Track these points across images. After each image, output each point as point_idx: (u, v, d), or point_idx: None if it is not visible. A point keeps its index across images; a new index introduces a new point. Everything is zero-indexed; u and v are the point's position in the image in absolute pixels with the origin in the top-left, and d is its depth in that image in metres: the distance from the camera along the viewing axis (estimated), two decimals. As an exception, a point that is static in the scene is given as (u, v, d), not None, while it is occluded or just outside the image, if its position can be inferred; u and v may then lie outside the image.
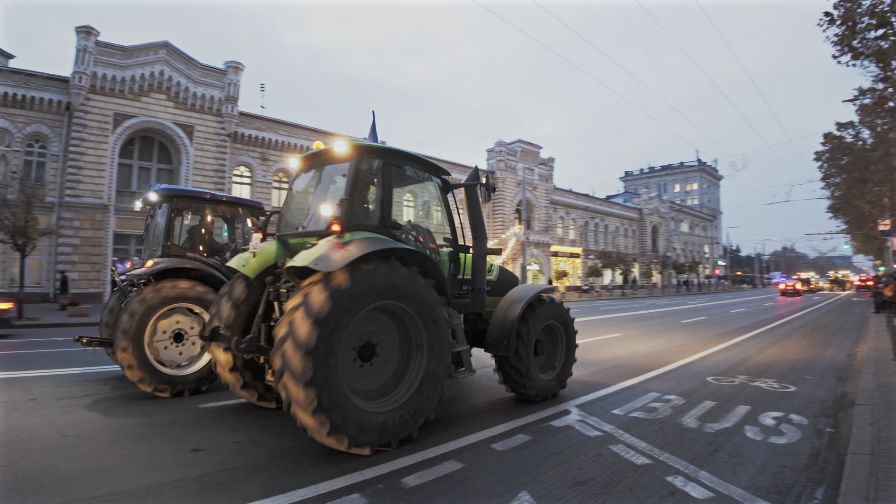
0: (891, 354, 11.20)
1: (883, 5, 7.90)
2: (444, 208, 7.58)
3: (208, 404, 7.46)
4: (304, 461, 5.21)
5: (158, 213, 9.22)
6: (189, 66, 32.44)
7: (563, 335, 8.41)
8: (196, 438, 5.88)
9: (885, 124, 26.34)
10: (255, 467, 5.05)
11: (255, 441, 5.84)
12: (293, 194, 7.26)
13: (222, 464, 5.10)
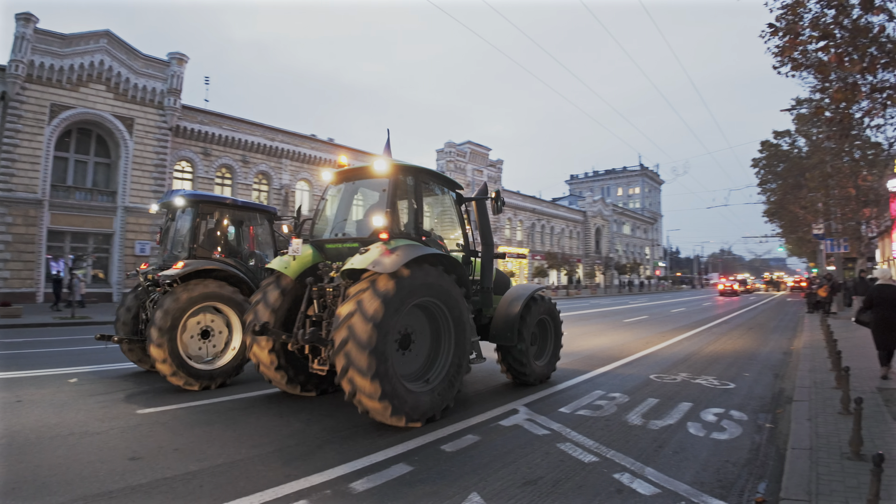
0: (825, 352, 11.65)
1: (826, 17, 8.21)
2: (458, 218, 8.65)
3: (146, 410, 7.15)
4: (240, 472, 5.00)
5: (181, 216, 9.82)
6: (131, 56, 31.22)
7: (553, 328, 9.80)
8: (134, 446, 5.63)
9: (820, 133, 27.54)
10: (194, 476, 4.85)
11: (195, 449, 5.63)
12: (326, 203, 8.43)
13: (161, 472, 4.89)
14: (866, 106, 9.65)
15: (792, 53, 9.00)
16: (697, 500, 4.41)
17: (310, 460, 5.23)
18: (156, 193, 31.65)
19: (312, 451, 5.51)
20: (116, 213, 30.63)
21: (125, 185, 30.85)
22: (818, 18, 8.29)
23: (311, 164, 41.86)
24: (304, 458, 5.28)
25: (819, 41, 8.14)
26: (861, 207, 23.85)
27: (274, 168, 39.35)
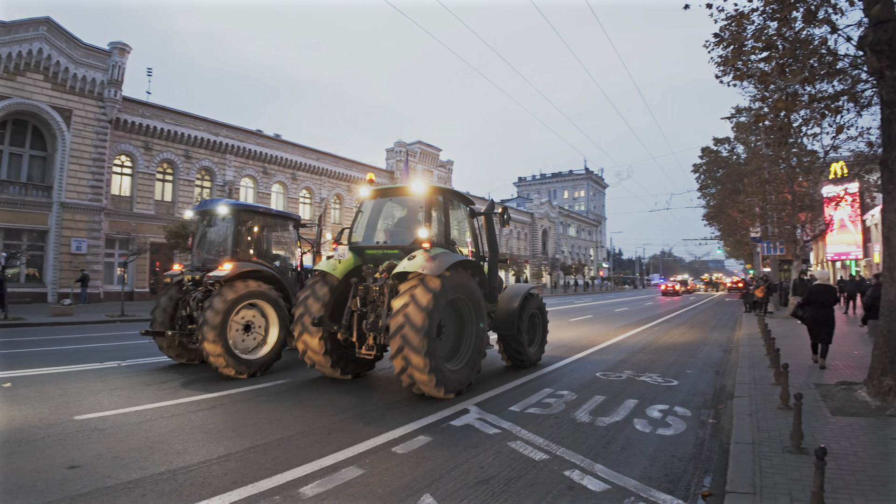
0: (763, 350, 12.08)
1: (769, 30, 8.48)
2: (470, 229, 10.25)
3: (84, 416, 6.82)
4: (184, 479, 4.84)
5: (220, 223, 11.16)
6: (71, 45, 29.75)
7: (541, 320, 11.71)
8: (72, 454, 5.34)
9: (758, 140, 28.60)
10: (137, 484, 4.64)
11: (137, 456, 5.40)
12: (364, 215, 9.90)
13: (102, 481, 4.65)
14: (805, 115, 10.03)
15: (735, 63, 9.26)
16: (646, 495, 4.48)
17: (257, 466, 5.07)
18: (93, 188, 30.39)
19: (259, 457, 5.34)
20: (52, 209, 29.20)
21: (62, 179, 29.46)
22: (762, 30, 8.55)
23: (257, 161, 40.99)
24: (252, 464, 5.11)
25: (762, 52, 8.40)
26: (797, 212, 24.88)
27: (218, 164, 38.35)
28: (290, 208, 43.57)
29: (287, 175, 43.42)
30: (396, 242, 9.57)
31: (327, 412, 7.11)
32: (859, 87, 9.28)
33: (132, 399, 7.70)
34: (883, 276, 7.45)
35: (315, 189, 45.99)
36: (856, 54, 8.40)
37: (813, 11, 7.77)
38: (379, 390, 8.59)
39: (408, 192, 9.43)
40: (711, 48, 9.51)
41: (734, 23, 8.74)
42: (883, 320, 7.05)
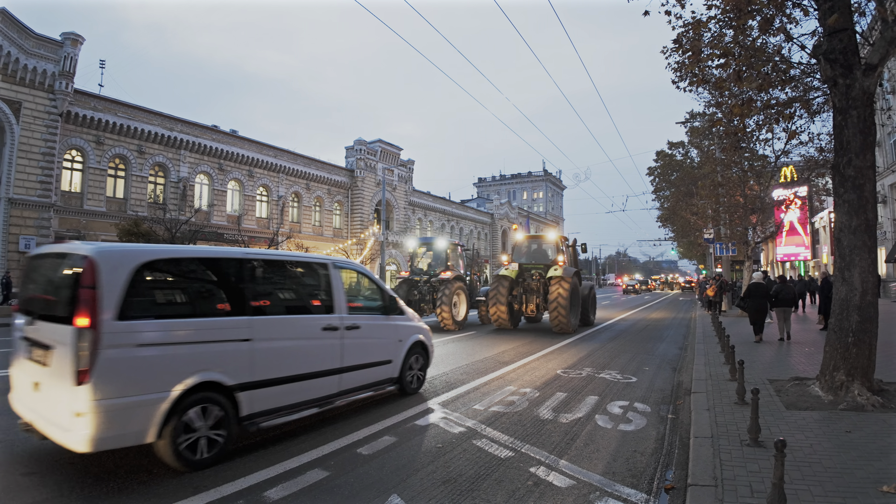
0: (717, 347, 12.41)
1: (726, 37, 8.70)
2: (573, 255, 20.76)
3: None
4: (158, 481, 4.71)
5: (435, 248, 21.88)
6: (22, 34, 28.37)
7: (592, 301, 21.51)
8: (27, 461, 5.14)
9: (711, 144, 29.40)
10: (96, 491, 4.48)
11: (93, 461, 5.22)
12: (519, 247, 20.83)
13: (60, 489, 4.48)
14: (758, 120, 10.34)
15: (693, 69, 9.48)
16: (611, 490, 4.54)
17: (219, 470, 4.95)
18: (42, 184, 29.20)
19: (221, 461, 5.21)
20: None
21: (10, 174, 28.13)
22: (719, 38, 8.77)
23: (213, 157, 40.07)
24: (213, 468, 4.99)
25: (720, 59, 8.61)
26: (748, 214, 25.64)
27: (172, 160, 37.34)
28: (247, 206, 42.82)
29: (243, 172, 42.59)
30: (539, 261, 19.73)
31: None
32: (811, 95, 9.63)
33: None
34: (834, 276, 7.73)
35: (272, 187, 45.25)
36: (808, 62, 8.70)
37: (769, 20, 8.00)
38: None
39: (544, 237, 20.91)
40: (669, 54, 9.72)
41: (692, 30, 8.94)
42: (834, 318, 7.31)
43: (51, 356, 4.79)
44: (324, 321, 6.69)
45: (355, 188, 53.56)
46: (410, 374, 8.28)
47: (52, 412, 4.79)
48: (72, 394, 4.48)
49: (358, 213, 53.56)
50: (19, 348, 5.49)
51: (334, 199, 52.22)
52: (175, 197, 37.17)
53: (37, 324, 5.13)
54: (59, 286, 5.23)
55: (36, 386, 5.01)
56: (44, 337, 4.96)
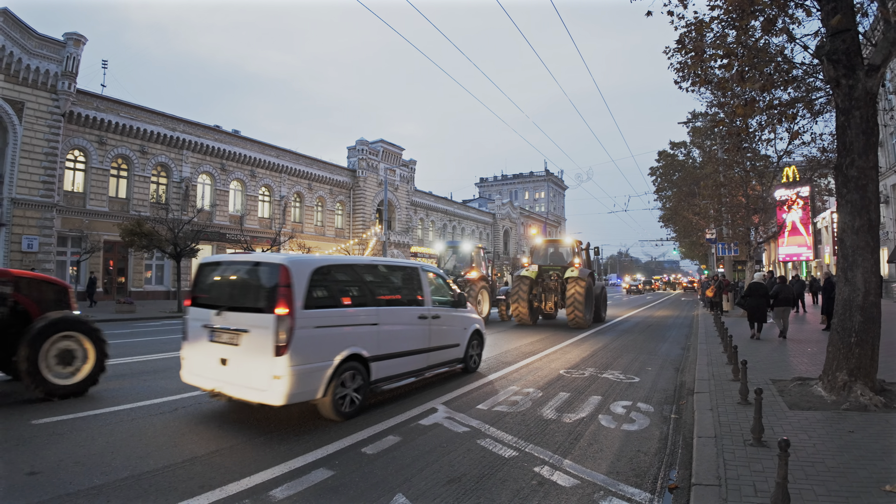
0: (720, 347, 12.42)
1: (728, 38, 8.71)
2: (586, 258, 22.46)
3: (41, 420, 6.58)
4: (147, 485, 4.72)
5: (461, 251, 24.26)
6: (25, 35, 28.49)
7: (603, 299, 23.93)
8: (31, 460, 5.15)
9: (713, 145, 29.40)
10: (99, 490, 4.51)
11: (98, 462, 5.25)
12: (537, 250, 23.11)
13: (64, 487, 4.50)
14: (761, 121, 10.35)
15: (695, 70, 9.48)
16: (615, 489, 4.56)
17: (224, 469, 4.98)
18: (45, 184, 29.28)
19: (226, 460, 5.25)
20: (2, 205, 27.99)
21: (12, 174, 28.26)
22: (722, 38, 8.78)
23: (215, 157, 40.16)
24: (219, 468, 5.02)
25: (723, 59, 8.61)
26: (750, 214, 25.64)
27: (174, 160, 37.44)
28: (249, 206, 42.89)
29: (246, 172, 42.68)
30: (557, 263, 22.01)
31: (293, 414, 7.01)
32: (814, 95, 9.63)
33: (89, 403, 7.46)
34: (837, 277, 7.74)
35: (274, 187, 45.33)
36: (811, 63, 8.71)
37: (772, 21, 8.00)
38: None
39: (561, 241, 23.42)
40: (672, 54, 9.73)
41: (694, 30, 8.94)
42: (837, 318, 7.32)
43: (242, 337, 6.46)
44: (418, 311, 8.65)
45: (357, 188, 53.65)
46: (471, 355, 10.24)
47: (246, 379, 6.41)
48: (271, 363, 6.14)
49: (360, 213, 53.63)
50: (200, 335, 6.95)
51: (336, 200, 52.32)
52: (178, 197, 37.26)
53: (224, 315, 6.68)
54: (252, 286, 6.94)
55: (224, 361, 6.59)
56: (235, 324, 6.55)
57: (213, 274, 7.49)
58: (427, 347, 8.68)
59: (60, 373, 7.68)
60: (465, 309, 10.14)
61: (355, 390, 6.98)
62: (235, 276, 7.36)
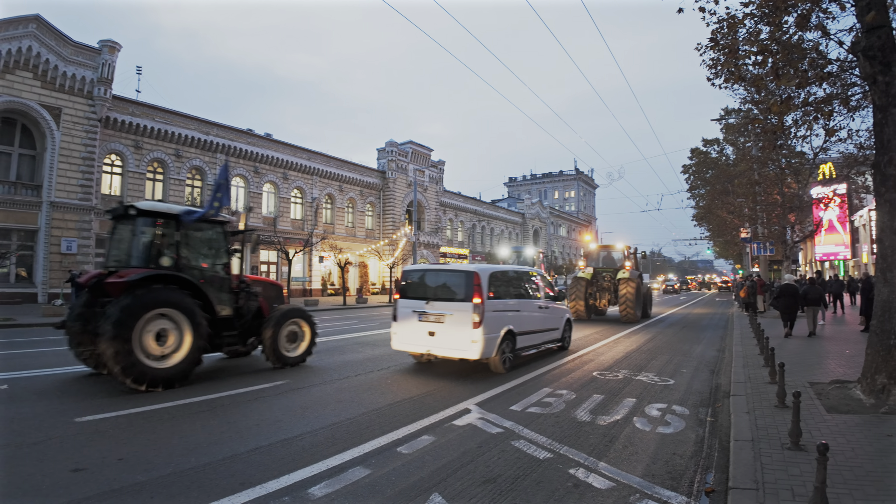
0: (756, 349, 12.24)
1: (762, 34, 8.60)
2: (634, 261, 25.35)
3: (85, 418, 6.80)
4: (190, 481, 4.87)
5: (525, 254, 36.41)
6: (60, 42, 29.41)
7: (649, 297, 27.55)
8: (75, 457, 5.35)
9: (747, 142, 28.90)
10: (143, 487, 4.67)
11: (140, 458, 5.42)
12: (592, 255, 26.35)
13: (108, 484, 4.67)
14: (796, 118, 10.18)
15: (728, 67, 9.37)
16: (651, 492, 4.57)
17: (263, 467, 5.11)
18: (83, 188, 30.13)
19: (265, 458, 5.39)
20: (42, 209, 28.92)
21: (51, 178, 29.15)
22: (756, 34, 8.67)
23: (248, 160, 40.82)
24: (257, 465, 5.15)
25: (757, 56, 8.50)
26: (786, 213, 25.17)
27: (208, 163, 38.15)
28: (282, 208, 43.46)
29: (278, 175, 43.29)
30: (610, 266, 24.74)
31: (329, 413, 7.15)
32: (850, 91, 9.46)
33: (131, 401, 7.67)
34: (875, 278, 7.59)
35: (306, 189, 45.88)
36: (846, 59, 8.55)
37: (806, 16, 7.89)
38: (379, 391, 8.62)
39: (613, 247, 26.17)
40: (704, 51, 9.63)
41: (727, 27, 8.85)
42: (876, 320, 7.18)
43: (446, 317, 9.89)
44: (538, 303, 12.19)
45: (387, 189, 53.97)
46: (565, 336, 13.61)
47: (451, 344, 9.79)
48: (471, 333, 9.53)
49: (390, 214, 53.94)
50: (409, 317, 10.37)
51: (366, 201, 52.71)
52: (212, 200, 37.83)
53: (431, 303, 10.14)
54: (453, 285, 10.23)
55: (432, 334, 10.00)
56: (440, 309, 10.00)
57: (416, 277, 10.92)
58: (542, 329, 12.20)
59: (288, 348, 10.89)
60: (561, 302, 13.68)
61: (510, 353, 10.53)
62: (437, 279, 10.75)
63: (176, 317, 8.73)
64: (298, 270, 43.65)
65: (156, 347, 8.49)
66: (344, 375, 9.91)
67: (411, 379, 9.67)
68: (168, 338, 8.65)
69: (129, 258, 9.31)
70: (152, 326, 8.45)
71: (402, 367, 10.82)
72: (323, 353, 12.40)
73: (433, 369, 10.65)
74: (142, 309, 8.27)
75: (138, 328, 8.22)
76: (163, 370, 8.43)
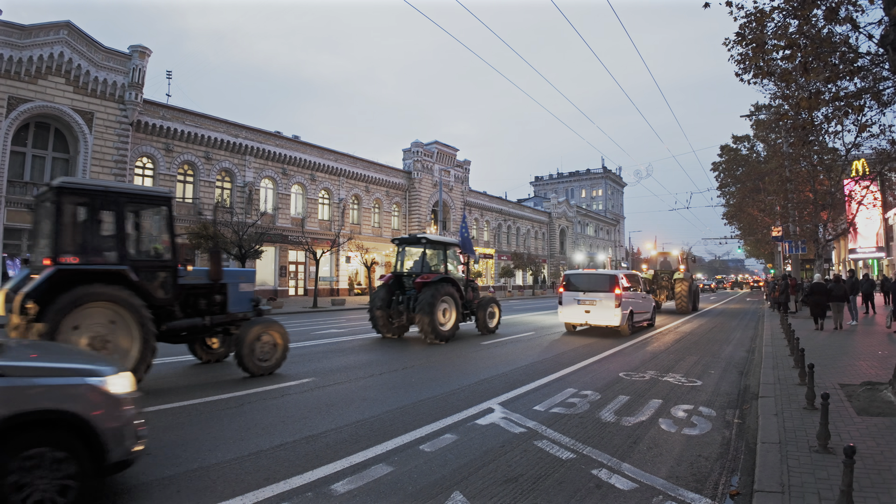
0: (786, 350, 12.02)
1: (790, 27, 8.44)
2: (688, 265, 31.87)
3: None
4: (230, 472, 4.98)
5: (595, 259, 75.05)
6: (91, 48, 30.20)
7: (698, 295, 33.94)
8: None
9: (778, 138, 28.35)
10: (170, 481, 4.76)
11: (172, 453, 5.53)
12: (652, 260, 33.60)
13: (136, 479, 4.78)
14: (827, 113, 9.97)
15: (757, 62, 9.21)
16: (674, 494, 4.53)
17: (287, 463, 5.19)
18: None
19: (289, 454, 5.47)
20: (75, 211, 29.61)
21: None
22: (784, 28, 8.52)
23: (276, 162, 41.34)
24: (282, 461, 5.23)
25: (785, 50, 8.35)
26: (818, 211, 24.64)
27: (237, 165, 38.74)
28: (310, 209, 43.91)
29: (306, 176, 43.76)
30: (666, 269, 30.99)
31: (353, 411, 7.22)
32: (881, 86, 9.23)
33: (160, 398, 7.84)
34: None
35: (333, 190, 46.31)
36: (877, 52, 8.35)
37: (834, 9, 7.73)
38: (403, 389, 8.68)
39: (670, 253, 33.65)
40: (732, 46, 9.48)
41: (755, 21, 8.71)
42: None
43: (596, 303, 16.55)
44: (641, 294, 18.69)
45: (413, 189, 54.20)
46: (653, 318, 20.01)
47: (601, 318, 16.54)
48: (614, 311, 16.21)
49: (415, 214, 54.15)
50: (571, 302, 17.05)
51: (392, 201, 53.02)
52: (241, 201, 38.48)
53: (587, 294, 16.77)
54: (601, 281, 16.75)
55: (587, 312, 16.74)
56: (592, 298, 16.66)
57: (574, 277, 17.87)
58: (643, 311, 18.74)
59: (486, 323, 17.22)
60: (650, 294, 20.69)
61: (631, 323, 17.33)
62: (589, 278, 17.56)
63: (454, 298, 15.48)
64: (326, 270, 44.11)
65: (442, 319, 14.95)
66: (370, 373, 9.98)
67: (436, 378, 9.71)
68: (448, 313, 15.25)
69: (421, 269, 16.06)
70: (442, 305, 14.91)
71: (426, 366, 10.87)
72: (348, 352, 12.53)
73: (458, 368, 10.65)
74: (437, 293, 14.66)
75: (438, 306, 14.67)
76: (445, 331, 14.88)
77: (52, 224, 7.75)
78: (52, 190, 7.86)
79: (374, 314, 15.58)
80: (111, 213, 8.30)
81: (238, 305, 10.05)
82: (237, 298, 10.04)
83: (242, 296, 10.15)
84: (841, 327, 17.13)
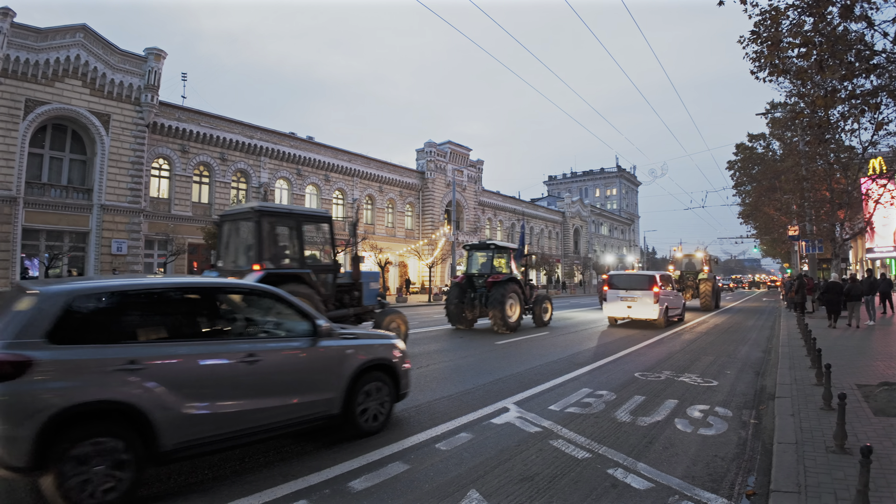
0: (803, 350, 11.94)
1: (805, 25, 8.40)
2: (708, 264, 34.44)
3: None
4: (246, 472, 5.07)
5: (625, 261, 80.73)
6: (107, 51, 30.47)
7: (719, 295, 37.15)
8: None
9: (794, 136, 28.06)
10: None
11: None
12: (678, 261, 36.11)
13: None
14: (843, 111, 9.90)
15: (772, 60, 9.17)
16: (690, 494, 4.54)
17: (305, 460, 5.26)
18: (132, 191, 31.12)
19: (307, 451, 5.55)
20: (92, 212, 29.99)
21: (101, 182, 30.18)
22: (799, 26, 8.47)
23: (291, 163, 41.55)
24: (300, 458, 5.31)
25: (800, 48, 8.31)
26: (835, 210, 24.38)
27: (252, 166, 38.99)
28: (324, 209, 44.02)
29: (320, 177, 43.95)
30: (691, 270, 33.77)
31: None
32: (897, 84, 9.15)
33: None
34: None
35: (347, 190, 46.48)
36: (892, 49, 8.28)
37: (849, 7, 7.68)
38: (419, 389, 8.69)
39: (694, 255, 35.21)
40: (747, 44, 9.43)
41: (770, 18, 8.67)
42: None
43: (637, 299, 19.02)
44: (674, 292, 21.99)
45: (426, 189, 54.26)
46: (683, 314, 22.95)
47: (641, 313, 19.04)
48: (653, 306, 18.73)
49: (429, 214, 54.20)
50: (614, 299, 19.68)
51: (406, 201, 53.10)
52: (256, 201, 38.70)
53: (628, 292, 19.28)
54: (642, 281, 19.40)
55: (629, 307, 19.25)
56: (633, 295, 19.14)
57: (617, 277, 20.50)
58: (676, 307, 21.15)
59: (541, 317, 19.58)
60: (681, 293, 24.07)
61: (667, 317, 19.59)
62: (631, 278, 20.26)
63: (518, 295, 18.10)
64: (339, 270, 44.18)
65: (510, 312, 17.50)
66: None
67: (451, 377, 9.76)
68: (514, 307, 17.76)
69: (490, 270, 18.57)
70: (509, 301, 17.50)
71: (439, 366, 10.93)
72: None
73: (473, 368, 10.69)
74: (506, 291, 17.35)
75: (507, 301, 17.28)
76: (513, 322, 17.54)
77: (255, 238, 10.35)
78: (255, 212, 10.45)
79: (449, 309, 18.46)
80: (293, 229, 11.07)
81: (369, 300, 12.74)
82: (369, 294, 12.74)
83: (372, 292, 12.87)
84: (858, 326, 17.49)
